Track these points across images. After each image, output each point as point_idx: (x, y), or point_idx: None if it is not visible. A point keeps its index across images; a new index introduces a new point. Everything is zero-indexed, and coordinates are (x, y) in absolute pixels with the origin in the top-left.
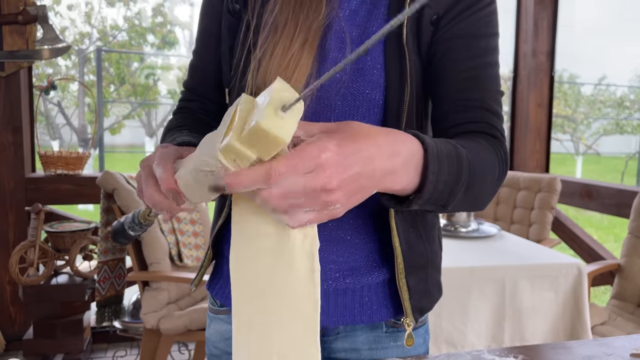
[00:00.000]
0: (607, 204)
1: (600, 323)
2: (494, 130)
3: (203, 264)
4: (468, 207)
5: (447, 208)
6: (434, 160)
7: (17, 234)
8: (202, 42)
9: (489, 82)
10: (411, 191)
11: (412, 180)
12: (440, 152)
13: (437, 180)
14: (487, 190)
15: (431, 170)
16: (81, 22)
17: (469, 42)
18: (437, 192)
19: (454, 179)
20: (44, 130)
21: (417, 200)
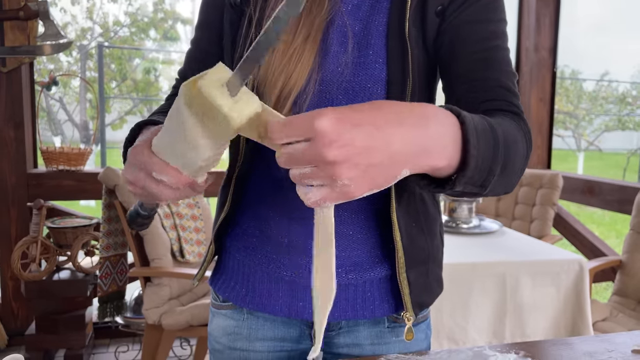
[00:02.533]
0: (609, 200)
1: (601, 319)
2: (513, 107)
3: (205, 259)
4: (502, 187)
5: (486, 189)
6: (474, 134)
7: (19, 230)
8: (201, 32)
9: (502, 63)
10: (453, 170)
11: (453, 155)
12: (476, 125)
13: (478, 155)
14: (518, 167)
15: (472, 144)
16: (83, 18)
17: (478, 27)
18: (479, 169)
19: (492, 155)
20: (46, 126)
21: (461, 179)
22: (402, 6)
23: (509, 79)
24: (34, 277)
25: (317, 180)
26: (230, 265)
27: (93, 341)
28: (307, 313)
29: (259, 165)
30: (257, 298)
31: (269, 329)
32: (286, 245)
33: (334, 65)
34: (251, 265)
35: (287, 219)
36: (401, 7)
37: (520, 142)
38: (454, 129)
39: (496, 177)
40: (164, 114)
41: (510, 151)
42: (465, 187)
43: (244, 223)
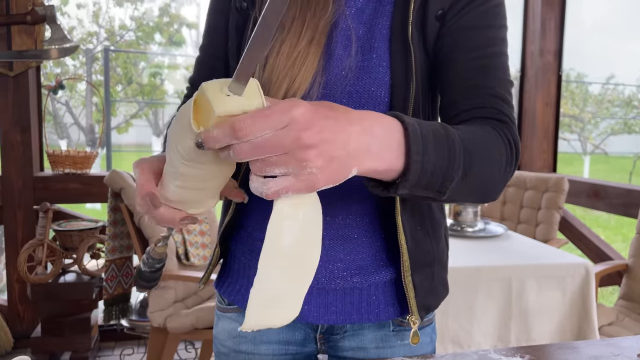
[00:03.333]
0: (615, 204)
1: (607, 323)
2: (501, 115)
3: (211, 262)
4: (473, 196)
5: (445, 194)
6: (417, 140)
7: (26, 233)
8: (209, 38)
9: (498, 71)
10: (398, 174)
11: (396, 159)
12: (424, 132)
13: (424, 161)
14: (492, 176)
15: (414, 150)
16: (89, 22)
17: (477, 33)
18: (427, 174)
19: (445, 162)
20: (52, 129)
21: (404, 183)
22: (405, 10)
23: (503, 87)
24: (40, 279)
25: (282, 168)
26: (236, 268)
27: (98, 344)
28: (313, 316)
29: None
30: None
31: (274, 332)
32: None
33: (337, 69)
34: (256, 269)
35: None
36: (404, 10)
37: (496, 150)
38: (398, 135)
39: (455, 184)
40: None
41: (475, 158)
42: (414, 190)
43: (248, 226)
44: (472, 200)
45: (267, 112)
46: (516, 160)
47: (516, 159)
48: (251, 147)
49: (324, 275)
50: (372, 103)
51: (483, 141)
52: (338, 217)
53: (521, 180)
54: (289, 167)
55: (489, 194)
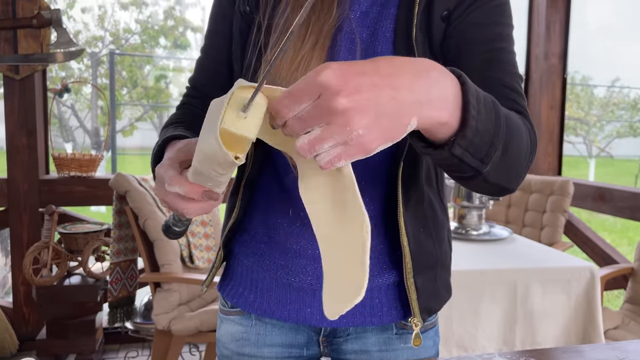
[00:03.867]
0: (621, 207)
1: (613, 327)
2: (517, 106)
3: (214, 264)
4: (503, 175)
5: (486, 166)
6: (474, 96)
7: (31, 235)
8: (211, 41)
9: (507, 64)
10: (452, 131)
11: (454, 112)
12: (477, 91)
13: (478, 119)
14: (521, 161)
15: (472, 104)
16: (94, 26)
17: (484, 29)
18: (478, 135)
19: (492, 127)
20: (58, 132)
21: (460, 141)
22: (409, 12)
23: (514, 79)
24: (45, 282)
25: (330, 139)
26: (239, 271)
27: (103, 346)
28: (315, 319)
29: (267, 171)
30: (266, 304)
31: (277, 335)
32: (294, 252)
33: None
34: (259, 272)
35: (296, 225)
36: (408, 13)
37: (525, 133)
38: (455, 87)
39: (498, 155)
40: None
41: (513, 134)
42: (465, 154)
43: (252, 229)
44: (498, 185)
45: (299, 86)
46: (535, 151)
47: (535, 148)
48: (297, 122)
49: None
50: None
51: (516, 121)
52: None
53: (526, 184)
54: (336, 136)
55: (513, 179)
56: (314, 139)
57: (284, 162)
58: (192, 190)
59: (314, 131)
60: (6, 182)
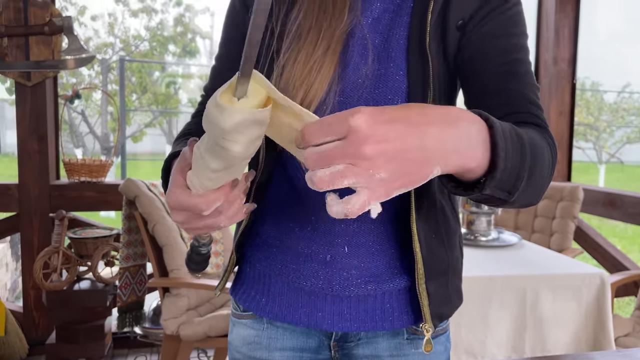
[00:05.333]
0: (631, 213)
1: (624, 334)
2: (537, 119)
3: (227, 268)
4: (528, 197)
5: (513, 195)
6: (501, 137)
7: (42, 240)
8: (225, 48)
9: (525, 76)
10: (481, 172)
11: (483, 157)
12: (504, 129)
13: (506, 158)
14: (545, 177)
15: (501, 146)
16: (105, 33)
17: (500, 40)
18: (507, 173)
19: (519, 161)
20: (68, 138)
21: (490, 182)
22: (422, 20)
23: (532, 91)
24: (55, 286)
25: (352, 177)
26: (251, 275)
27: (112, 351)
28: (327, 323)
29: (279, 175)
30: (277, 308)
31: (289, 339)
32: (306, 256)
33: (354, 77)
34: (271, 275)
35: (307, 229)
36: (421, 21)
37: (546, 151)
38: (483, 132)
39: (524, 183)
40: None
41: (537, 159)
42: (494, 191)
43: (264, 233)
44: (524, 203)
45: (330, 120)
46: (555, 162)
47: (555, 161)
48: (317, 155)
49: (338, 283)
50: None
51: (539, 142)
52: (353, 224)
53: None
54: (359, 178)
55: (537, 197)
56: (336, 173)
57: (295, 166)
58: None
59: (337, 167)
60: (17, 187)
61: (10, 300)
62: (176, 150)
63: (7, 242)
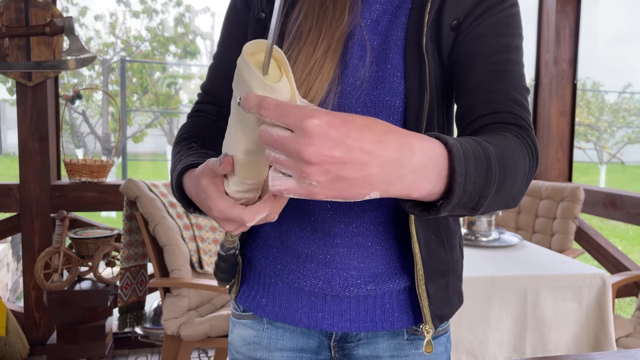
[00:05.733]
0: (632, 214)
1: (625, 335)
2: (519, 120)
3: (236, 270)
4: (499, 207)
5: (478, 211)
6: (461, 162)
7: (43, 240)
8: (225, 46)
9: (514, 77)
10: (437, 196)
11: (433, 187)
12: (466, 151)
13: (466, 182)
14: (518, 186)
15: (459, 172)
16: (106, 33)
17: (492, 40)
18: (467, 195)
19: (483, 180)
20: (69, 138)
21: (445, 206)
22: (419, 21)
23: (519, 92)
24: (56, 287)
25: (288, 169)
26: (251, 275)
27: (113, 351)
28: (327, 324)
29: None
30: (277, 308)
31: (289, 339)
32: (305, 256)
33: (353, 79)
34: (271, 276)
35: (307, 230)
36: (419, 22)
37: (522, 160)
38: (440, 160)
39: (489, 199)
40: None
41: (507, 172)
42: (453, 211)
43: (264, 233)
44: (494, 210)
45: (289, 110)
46: (536, 166)
47: (536, 165)
48: (268, 136)
49: (338, 283)
50: (387, 112)
51: (512, 154)
52: (352, 224)
53: (536, 190)
54: (293, 173)
55: (512, 203)
56: (277, 158)
57: None
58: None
59: (280, 154)
60: (18, 188)
61: (11, 301)
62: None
63: (8, 242)
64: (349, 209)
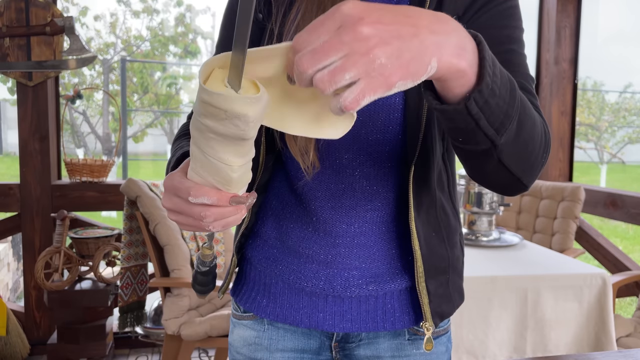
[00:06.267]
0: (633, 214)
1: (625, 335)
2: None
3: (229, 270)
4: (519, 159)
5: (501, 137)
6: (489, 56)
7: (43, 240)
8: (223, 47)
9: (519, 66)
10: (469, 86)
11: (473, 62)
12: (493, 57)
13: (493, 81)
14: (535, 148)
15: (488, 61)
16: (106, 33)
17: (493, 32)
18: (495, 97)
19: (507, 96)
20: (70, 138)
21: (477, 96)
22: None
23: (526, 79)
24: (57, 286)
25: (352, 69)
26: (252, 276)
27: (113, 351)
28: (328, 324)
29: (279, 176)
30: (278, 309)
31: (290, 339)
32: (306, 257)
33: None
34: (272, 276)
35: (308, 230)
36: None
37: (539, 122)
38: (472, 42)
39: (512, 128)
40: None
41: (527, 113)
42: (480, 117)
43: (264, 234)
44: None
45: (320, 19)
46: (549, 149)
47: (549, 147)
48: (311, 53)
49: (340, 283)
50: (387, 110)
51: (530, 107)
52: (354, 225)
53: (537, 190)
54: (358, 66)
55: (528, 171)
56: (334, 69)
57: (296, 166)
58: (222, 197)
59: (334, 62)
60: (19, 187)
61: (11, 300)
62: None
63: (9, 242)
64: (351, 209)
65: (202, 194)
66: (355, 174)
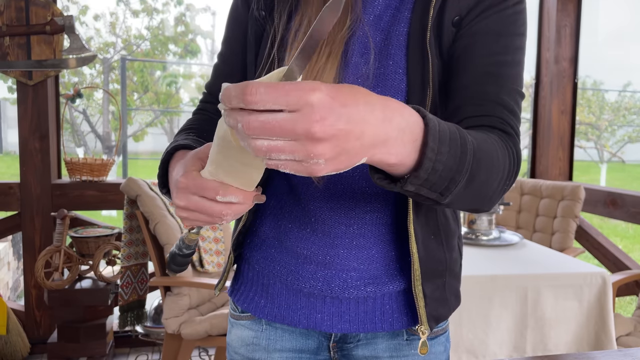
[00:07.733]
0: (633, 213)
1: (625, 334)
2: (506, 126)
3: (226, 268)
4: (469, 203)
5: (446, 198)
6: (435, 138)
7: (43, 239)
8: (227, 46)
9: (508, 80)
10: (407, 170)
11: (408, 155)
12: (443, 131)
13: (437, 160)
14: (492, 187)
15: (430, 147)
16: (106, 32)
17: (490, 39)
18: (436, 174)
19: (455, 165)
20: (70, 137)
21: (413, 180)
22: (424, 16)
23: (512, 97)
24: (57, 285)
25: (289, 154)
26: (250, 276)
27: (113, 350)
28: (326, 325)
29: (278, 176)
30: (276, 309)
31: (288, 340)
32: (304, 257)
33: (353, 77)
34: (270, 276)
35: (307, 230)
36: (423, 16)
37: (500, 161)
38: (417, 128)
39: (459, 188)
40: (193, 132)
41: (481, 166)
42: (420, 189)
43: (262, 233)
44: (466, 208)
45: (286, 88)
46: (516, 174)
47: (516, 173)
48: (261, 125)
49: (338, 285)
50: None
51: (491, 151)
52: (353, 226)
53: (537, 189)
54: (296, 155)
55: (484, 204)
56: (275, 146)
57: None
58: (247, 196)
59: (277, 141)
60: (19, 186)
61: (12, 299)
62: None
63: (9, 241)
64: (350, 210)
65: (230, 194)
66: (354, 175)
